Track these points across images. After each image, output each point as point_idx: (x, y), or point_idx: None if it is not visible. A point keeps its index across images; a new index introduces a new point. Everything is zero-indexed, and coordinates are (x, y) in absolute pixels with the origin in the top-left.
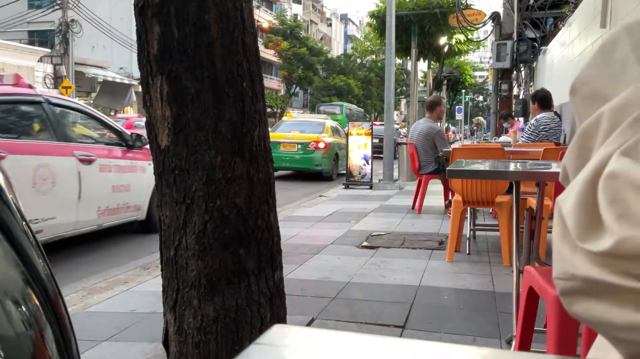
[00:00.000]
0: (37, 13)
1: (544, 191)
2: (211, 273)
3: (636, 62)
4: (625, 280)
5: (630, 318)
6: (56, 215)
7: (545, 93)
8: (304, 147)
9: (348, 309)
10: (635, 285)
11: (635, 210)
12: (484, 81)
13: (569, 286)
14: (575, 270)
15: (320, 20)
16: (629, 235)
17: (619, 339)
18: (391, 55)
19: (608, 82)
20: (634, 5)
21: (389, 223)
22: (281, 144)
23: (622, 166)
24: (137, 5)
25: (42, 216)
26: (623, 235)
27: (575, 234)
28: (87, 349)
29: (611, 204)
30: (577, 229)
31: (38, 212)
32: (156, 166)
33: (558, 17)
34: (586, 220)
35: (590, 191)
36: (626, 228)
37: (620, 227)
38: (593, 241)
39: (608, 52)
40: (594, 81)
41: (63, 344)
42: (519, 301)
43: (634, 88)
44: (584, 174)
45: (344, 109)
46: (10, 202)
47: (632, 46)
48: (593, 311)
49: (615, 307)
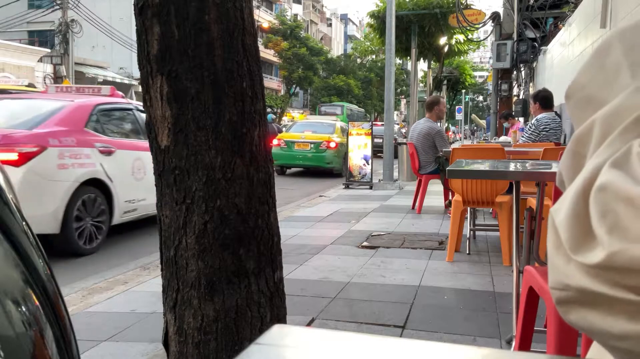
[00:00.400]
0: (37, 13)
1: (544, 191)
2: (211, 273)
3: (628, 67)
4: (618, 291)
5: (624, 328)
6: (146, 197)
7: (546, 93)
8: (317, 146)
9: (348, 309)
10: (628, 296)
11: (625, 223)
12: (484, 81)
13: (564, 296)
14: (569, 280)
15: (320, 20)
16: (620, 248)
17: (614, 347)
18: (391, 55)
19: (601, 87)
20: (634, 5)
21: (389, 223)
22: (295, 143)
23: (612, 178)
24: (137, 5)
25: (137, 197)
26: (614, 249)
27: (568, 246)
28: (87, 349)
29: (602, 217)
30: (570, 241)
31: (135, 194)
32: (156, 166)
33: (558, 17)
34: (578, 232)
35: (581, 204)
36: (617, 241)
37: (611, 240)
38: (585, 253)
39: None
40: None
41: (63, 344)
42: (519, 301)
43: (625, 95)
44: (576, 186)
45: (344, 109)
46: (10, 202)
47: (624, 51)
48: (588, 320)
49: (610, 317)
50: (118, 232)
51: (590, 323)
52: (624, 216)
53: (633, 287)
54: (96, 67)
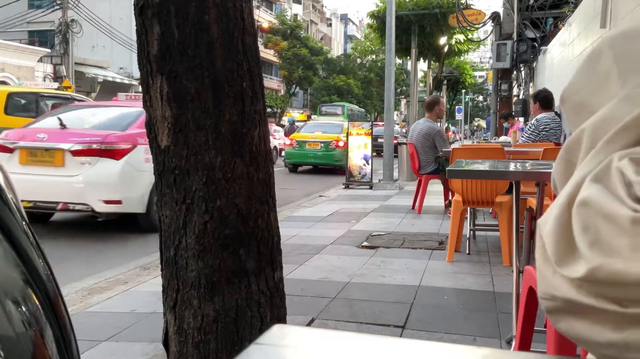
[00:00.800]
0: (37, 13)
1: (544, 191)
2: (211, 273)
3: (618, 75)
4: (602, 302)
5: (609, 337)
6: None
7: (547, 93)
8: (326, 146)
9: (348, 309)
10: (611, 307)
11: (605, 238)
12: (484, 81)
13: (552, 306)
14: (556, 291)
15: (320, 20)
16: (600, 263)
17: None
18: (391, 55)
19: (593, 93)
20: (634, 5)
21: (389, 223)
22: (307, 143)
23: (592, 194)
24: (137, 5)
25: None
26: (595, 264)
27: (554, 259)
28: (87, 349)
29: (584, 232)
30: (555, 254)
31: None
32: (156, 166)
33: (558, 17)
34: (563, 245)
35: (565, 217)
36: (597, 256)
37: (592, 255)
38: (569, 266)
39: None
40: (581, 91)
41: (63, 344)
42: (519, 301)
43: (611, 105)
44: (561, 198)
45: (345, 110)
46: (10, 202)
47: (614, 59)
48: (576, 329)
49: (596, 326)
50: (118, 232)
51: (578, 332)
52: (604, 232)
53: (616, 299)
54: (96, 67)
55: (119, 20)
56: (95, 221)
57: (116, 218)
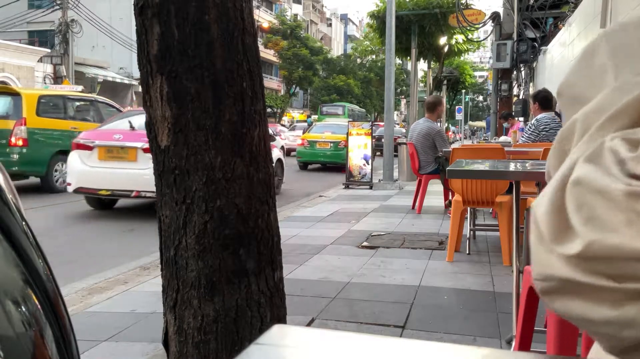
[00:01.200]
0: (37, 13)
1: None
2: (211, 273)
3: (613, 69)
4: (598, 279)
5: (606, 314)
6: None
7: (546, 94)
8: (335, 145)
9: (348, 309)
10: (608, 284)
11: (599, 214)
12: (484, 81)
13: (547, 286)
14: (552, 270)
15: (320, 20)
16: (595, 238)
17: (598, 333)
18: (391, 55)
19: (589, 86)
20: (634, 5)
21: (389, 223)
22: (317, 143)
23: (586, 172)
24: (137, 5)
25: None
26: (590, 239)
27: (549, 238)
28: (87, 349)
29: (578, 209)
30: (550, 233)
31: None
32: (156, 166)
33: (558, 17)
34: (558, 224)
35: (559, 197)
36: (592, 232)
37: (587, 231)
38: (565, 244)
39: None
40: (577, 85)
41: (63, 344)
42: (519, 301)
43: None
44: (554, 180)
45: (346, 110)
46: (10, 202)
47: (610, 53)
48: (572, 309)
49: (592, 304)
50: (118, 232)
51: (574, 311)
52: (597, 207)
53: (612, 275)
54: (96, 67)
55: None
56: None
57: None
